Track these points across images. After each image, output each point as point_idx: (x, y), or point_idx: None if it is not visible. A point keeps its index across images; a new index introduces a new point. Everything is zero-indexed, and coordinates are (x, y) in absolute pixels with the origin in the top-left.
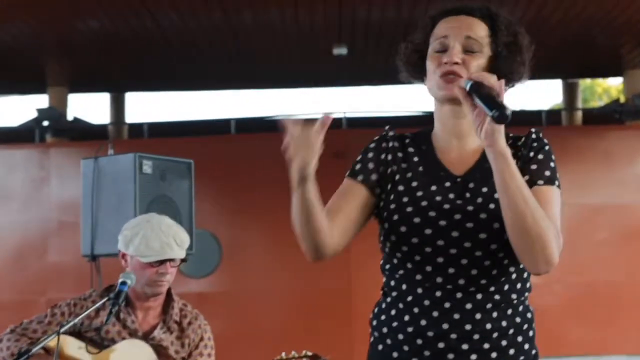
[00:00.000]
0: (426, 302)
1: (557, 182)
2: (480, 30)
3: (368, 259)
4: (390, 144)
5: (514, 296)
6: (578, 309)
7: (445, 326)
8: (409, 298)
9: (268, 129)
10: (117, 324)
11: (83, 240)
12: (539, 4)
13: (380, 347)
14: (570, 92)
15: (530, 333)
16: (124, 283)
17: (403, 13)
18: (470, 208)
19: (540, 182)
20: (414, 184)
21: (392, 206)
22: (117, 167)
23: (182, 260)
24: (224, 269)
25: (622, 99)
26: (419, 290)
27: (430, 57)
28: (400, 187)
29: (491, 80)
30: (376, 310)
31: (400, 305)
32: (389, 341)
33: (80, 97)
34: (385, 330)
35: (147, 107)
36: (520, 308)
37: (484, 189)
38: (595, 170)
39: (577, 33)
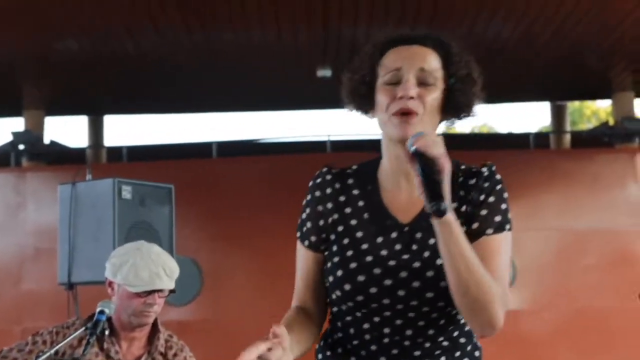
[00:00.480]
0: (373, 348)
1: (508, 226)
2: (434, 61)
3: None
4: (328, 190)
5: (462, 340)
6: (568, 336)
7: None
8: (356, 342)
9: (250, 152)
10: (100, 354)
11: (60, 267)
12: (527, 25)
13: None
14: (558, 115)
15: None
16: (102, 312)
17: (388, 35)
18: (416, 265)
19: (489, 231)
20: (359, 234)
21: (336, 259)
22: (95, 192)
23: (171, 291)
24: (205, 296)
25: (611, 122)
26: (367, 337)
27: (382, 90)
28: (345, 240)
29: (435, 151)
30: (322, 343)
31: (348, 347)
32: None
33: (57, 120)
34: None
35: (126, 130)
36: (469, 348)
37: (431, 241)
38: (583, 194)
39: (566, 55)
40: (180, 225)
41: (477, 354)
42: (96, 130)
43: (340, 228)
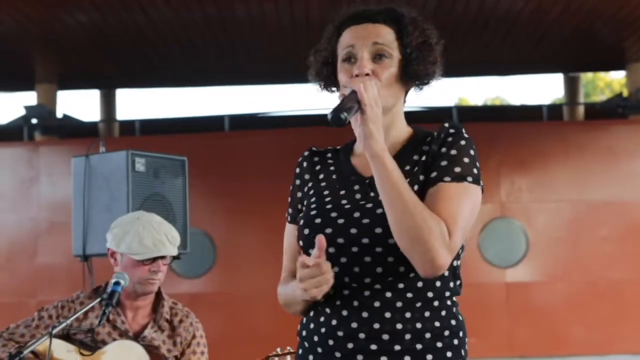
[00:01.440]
0: (337, 302)
1: (470, 178)
2: (387, 35)
3: None
4: (306, 164)
5: (430, 294)
6: (581, 308)
7: (354, 325)
8: (324, 301)
9: (263, 125)
10: (106, 325)
11: (74, 240)
12: None
13: (300, 351)
14: (571, 87)
15: (455, 342)
16: (117, 283)
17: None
18: (369, 205)
19: (447, 178)
20: (325, 192)
21: (302, 222)
22: (109, 165)
23: (174, 258)
24: (218, 269)
25: (625, 93)
26: (330, 292)
27: (341, 69)
28: (313, 199)
29: (362, 87)
30: (304, 320)
31: (319, 308)
32: (306, 344)
33: (69, 94)
34: (304, 333)
35: (138, 103)
36: (443, 312)
37: None
38: (597, 166)
39: (579, 26)
40: (193, 199)
41: (453, 322)
42: (108, 104)
43: (311, 192)
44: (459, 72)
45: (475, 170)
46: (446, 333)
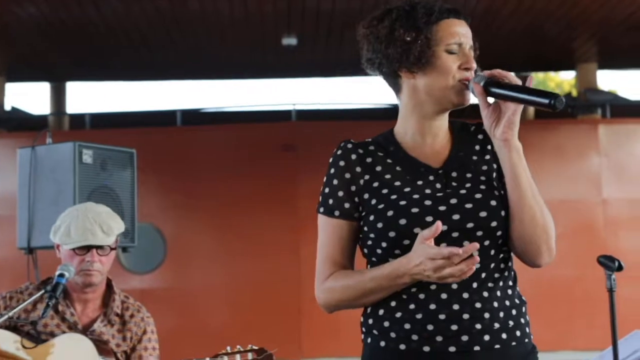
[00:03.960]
0: (432, 287)
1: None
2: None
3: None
4: (353, 157)
5: (506, 274)
6: (532, 306)
7: (455, 307)
8: (413, 289)
9: (215, 121)
10: (55, 317)
11: (19, 232)
12: None
13: (382, 343)
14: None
15: (522, 320)
16: (61, 275)
17: (353, 3)
18: (462, 191)
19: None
20: (397, 183)
21: (381, 206)
22: (55, 156)
23: (113, 249)
24: (169, 264)
25: (575, 93)
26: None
27: (446, 57)
28: (384, 190)
29: (508, 75)
30: (369, 310)
31: (404, 296)
32: (392, 334)
33: (18, 86)
34: (387, 324)
35: (89, 97)
36: (517, 291)
37: (468, 175)
38: (546, 165)
39: (529, 26)
40: (144, 193)
41: (517, 291)
42: (58, 97)
43: (375, 184)
44: None
45: None
46: (523, 309)
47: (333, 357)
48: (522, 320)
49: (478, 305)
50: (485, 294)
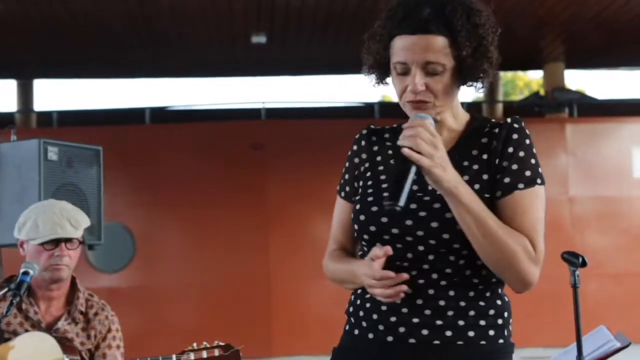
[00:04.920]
0: None
1: (539, 180)
2: (438, 46)
3: (287, 254)
4: (364, 143)
5: (476, 280)
6: None
7: (401, 304)
8: None
9: (184, 119)
10: (18, 315)
11: None
12: None
13: (356, 331)
14: (491, 85)
15: (500, 321)
16: (25, 273)
17: (322, 1)
18: (427, 198)
19: (521, 185)
20: (382, 177)
21: (358, 206)
22: (20, 153)
23: (89, 248)
24: (138, 263)
25: (542, 92)
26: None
27: (394, 78)
28: (369, 182)
29: (418, 157)
30: (352, 297)
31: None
32: (352, 320)
33: None
34: (361, 314)
35: (56, 95)
36: (488, 293)
37: None
38: None
39: (497, 25)
40: (113, 192)
41: (499, 302)
42: (25, 95)
43: (368, 174)
44: None
45: (540, 170)
46: (491, 312)
47: (302, 356)
48: (483, 323)
49: (419, 301)
50: (431, 291)
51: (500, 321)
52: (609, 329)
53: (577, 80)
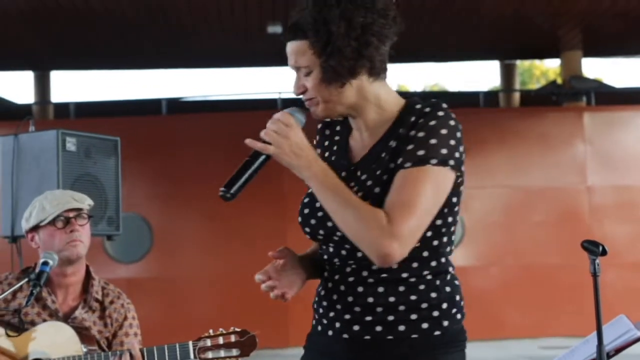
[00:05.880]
0: (350, 279)
1: (434, 160)
2: (301, 51)
3: (305, 244)
4: (319, 137)
5: (405, 275)
6: (515, 292)
7: (334, 297)
8: (324, 283)
9: (201, 110)
10: (36, 305)
11: (3, 220)
12: None
13: (319, 327)
14: (507, 74)
15: (435, 313)
16: (45, 263)
17: None
18: None
19: (408, 164)
20: None
21: (300, 208)
22: (39, 144)
23: (91, 217)
24: (155, 253)
25: (559, 81)
26: (326, 274)
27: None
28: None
29: (271, 149)
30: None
31: (329, 284)
32: (316, 315)
33: (2, 75)
34: (321, 310)
35: (73, 86)
36: (421, 287)
37: (368, 182)
38: (532, 153)
39: (515, 14)
40: (129, 183)
41: (433, 295)
42: (42, 86)
43: None
44: (397, 59)
45: (444, 151)
46: (424, 305)
47: None
48: (415, 316)
49: (350, 299)
50: (360, 289)
51: (436, 313)
52: (629, 317)
53: (595, 68)
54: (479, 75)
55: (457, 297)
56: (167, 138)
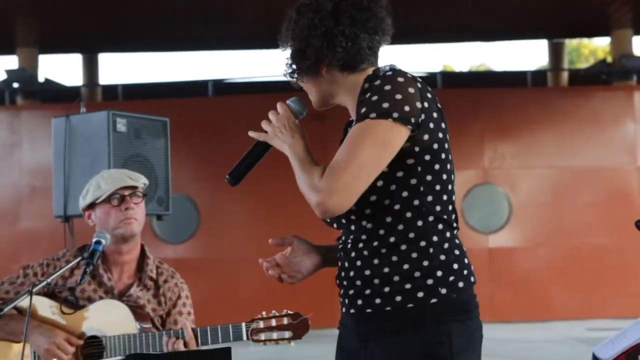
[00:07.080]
0: (344, 255)
1: (373, 114)
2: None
3: None
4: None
5: (393, 239)
6: (563, 273)
7: (342, 273)
8: (338, 255)
9: (246, 91)
10: (92, 282)
11: (55, 200)
12: None
13: (342, 306)
14: (556, 53)
15: (429, 281)
16: (98, 242)
17: None
18: None
19: (354, 125)
20: None
21: None
22: (89, 125)
23: (145, 195)
24: (202, 234)
25: (609, 60)
26: (340, 249)
27: None
28: None
29: (273, 140)
30: None
31: (339, 264)
32: (341, 299)
33: (51, 58)
34: (341, 290)
35: (121, 68)
36: (414, 255)
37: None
38: (581, 132)
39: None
40: (177, 164)
41: (416, 254)
42: (91, 69)
43: None
44: (443, 39)
45: (385, 105)
46: (417, 274)
47: None
48: (409, 286)
49: (351, 273)
50: (359, 263)
51: (430, 281)
52: None
53: None
54: (524, 55)
55: (456, 265)
56: (213, 119)
